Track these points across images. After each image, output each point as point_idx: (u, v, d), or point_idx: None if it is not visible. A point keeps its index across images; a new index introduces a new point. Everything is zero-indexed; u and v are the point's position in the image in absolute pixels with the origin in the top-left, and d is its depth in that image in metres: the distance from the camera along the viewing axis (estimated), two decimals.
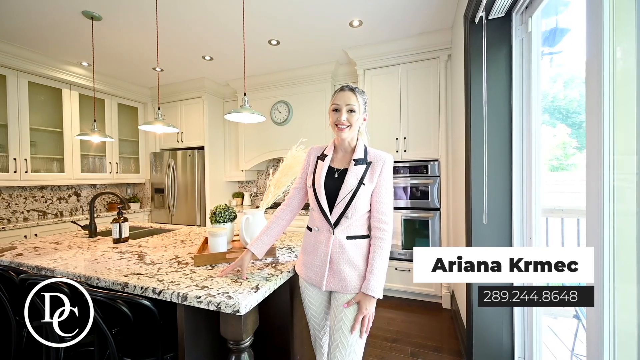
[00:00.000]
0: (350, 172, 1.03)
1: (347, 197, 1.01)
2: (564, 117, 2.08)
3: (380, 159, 1.05)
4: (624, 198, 0.84)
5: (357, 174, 1.03)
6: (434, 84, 2.60)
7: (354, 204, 1.01)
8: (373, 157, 1.06)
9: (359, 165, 1.04)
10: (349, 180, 1.02)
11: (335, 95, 1.06)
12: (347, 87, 1.06)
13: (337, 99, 1.05)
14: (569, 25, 1.56)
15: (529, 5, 1.44)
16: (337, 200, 1.02)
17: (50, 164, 3.12)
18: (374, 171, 1.04)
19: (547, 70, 1.71)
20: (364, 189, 1.02)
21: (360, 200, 1.01)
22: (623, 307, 0.86)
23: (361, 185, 1.02)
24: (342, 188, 1.02)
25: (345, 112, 1.03)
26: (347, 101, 1.03)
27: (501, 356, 1.63)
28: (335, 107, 1.05)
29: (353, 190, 1.01)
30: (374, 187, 1.04)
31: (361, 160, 1.05)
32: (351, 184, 1.02)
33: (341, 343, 0.99)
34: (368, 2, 2.08)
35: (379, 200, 1.03)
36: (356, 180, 1.02)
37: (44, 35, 2.44)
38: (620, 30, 0.82)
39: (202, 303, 0.93)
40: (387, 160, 1.06)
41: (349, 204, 1.01)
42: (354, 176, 1.03)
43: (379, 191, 1.04)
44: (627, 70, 0.80)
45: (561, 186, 2.35)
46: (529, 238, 1.52)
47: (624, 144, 0.84)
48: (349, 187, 1.02)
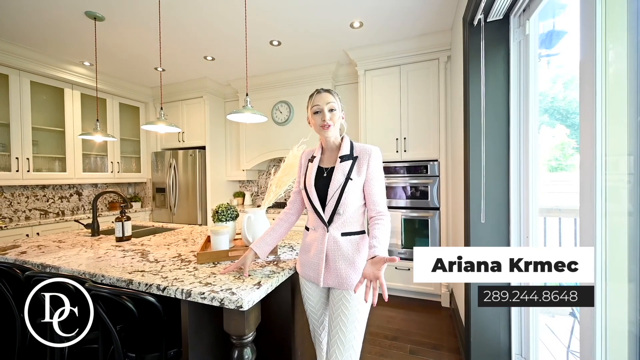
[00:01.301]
0: (337, 169, 1.07)
1: (337, 194, 1.04)
2: (564, 118, 2.10)
3: (365, 152, 1.08)
4: (617, 198, 0.86)
5: (344, 170, 1.06)
6: (433, 85, 2.62)
7: (343, 199, 1.04)
8: (359, 151, 1.09)
9: (345, 162, 1.08)
10: (336, 177, 1.06)
11: (314, 98, 1.10)
12: (322, 90, 1.10)
13: (316, 101, 1.09)
14: (566, 27, 1.59)
15: (526, 8, 1.46)
16: (328, 198, 1.06)
17: (52, 163, 3.14)
18: (361, 165, 1.07)
19: (547, 72, 1.73)
20: (351, 183, 1.04)
21: (349, 195, 1.04)
22: (615, 306, 0.88)
23: (348, 180, 1.04)
24: (330, 186, 1.06)
25: (327, 112, 1.07)
26: (327, 100, 1.07)
27: (499, 353, 1.66)
28: (316, 108, 1.08)
29: (341, 186, 1.04)
30: (363, 180, 1.06)
31: (347, 157, 1.08)
32: (338, 180, 1.05)
33: (339, 339, 1.01)
34: (369, 4, 2.10)
35: (371, 192, 1.06)
36: (343, 176, 1.05)
37: (46, 35, 2.46)
38: (612, 34, 0.84)
39: (205, 299, 0.95)
40: (373, 152, 1.08)
41: (339, 201, 1.04)
42: (341, 173, 1.06)
43: (370, 183, 1.06)
44: (619, 73, 0.83)
45: (560, 186, 2.37)
46: (526, 237, 1.54)
47: (616, 145, 0.86)
48: (336, 184, 1.05)
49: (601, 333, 0.91)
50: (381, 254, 0.92)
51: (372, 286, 0.88)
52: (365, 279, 0.91)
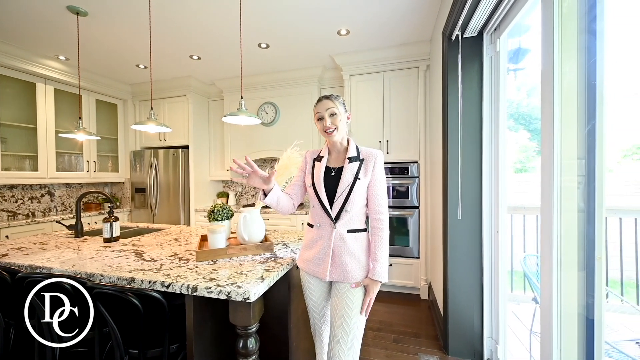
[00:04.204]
0: (346, 169, 1.15)
1: (345, 192, 1.13)
2: (527, 123, 2.36)
3: (372, 155, 1.18)
4: (570, 197, 1.02)
5: (352, 170, 1.15)
6: (414, 92, 2.80)
7: (351, 197, 1.12)
8: (365, 154, 1.19)
9: (353, 163, 1.16)
10: (345, 176, 1.14)
11: (316, 106, 1.19)
12: (323, 97, 1.19)
13: (318, 108, 1.18)
14: (530, 46, 1.80)
15: (497, 27, 1.64)
16: (336, 196, 1.14)
17: (22, 162, 2.96)
18: (368, 166, 1.16)
19: (513, 81, 1.95)
20: (359, 183, 1.13)
21: (357, 194, 1.13)
22: (567, 291, 1.04)
23: (357, 180, 1.13)
24: (340, 184, 1.14)
25: (328, 117, 1.15)
26: (327, 106, 1.16)
27: (473, 337, 1.84)
28: (319, 115, 1.17)
29: (350, 185, 1.13)
30: (368, 181, 1.16)
31: (355, 158, 1.17)
32: (347, 179, 1.13)
33: (344, 330, 1.09)
34: (356, 14, 2.22)
35: (375, 193, 1.16)
36: (352, 176, 1.14)
37: (20, 26, 2.33)
38: (566, 54, 1.00)
39: (212, 293, 1.01)
40: (378, 156, 1.18)
41: (347, 199, 1.12)
42: (350, 172, 1.14)
43: (374, 185, 1.16)
44: (571, 85, 0.98)
45: (524, 186, 2.65)
46: (496, 232, 1.73)
47: (570, 150, 1.02)
48: (345, 182, 1.13)
49: (557, 315, 1.07)
50: (380, 276, 1.11)
51: (371, 302, 1.13)
52: (364, 288, 1.14)
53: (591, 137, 0.92)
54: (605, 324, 0.94)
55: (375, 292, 1.13)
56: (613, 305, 2.04)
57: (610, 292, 2.12)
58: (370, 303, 1.13)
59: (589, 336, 0.97)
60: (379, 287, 1.13)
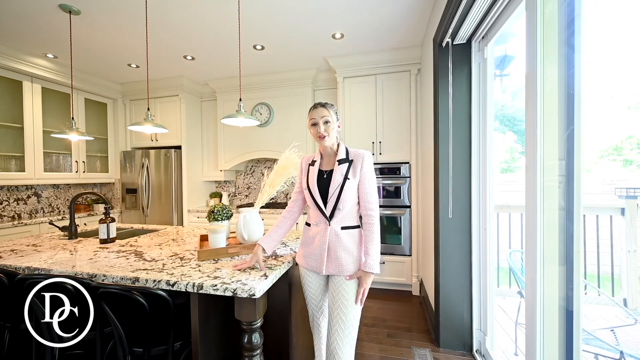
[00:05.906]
0: (336, 171, 1.23)
1: (337, 192, 1.21)
2: (512, 124, 2.48)
3: (359, 155, 1.26)
4: (551, 196, 1.11)
5: (342, 171, 1.23)
6: (405, 94, 2.88)
7: (342, 196, 1.20)
8: (353, 155, 1.27)
9: (342, 165, 1.24)
10: (335, 177, 1.22)
11: (311, 112, 1.26)
12: (319, 104, 1.26)
13: (313, 115, 1.25)
14: (515, 53, 1.91)
15: (485, 35, 1.73)
16: (329, 196, 1.22)
17: (7, 162, 2.88)
18: (356, 167, 1.24)
19: (499, 86, 2.05)
20: (349, 183, 1.21)
21: (347, 192, 1.20)
22: (549, 285, 1.12)
23: (346, 180, 1.21)
24: (331, 185, 1.22)
25: (322, 125, 1.23)
26: (322, 114, 1.23)
27: (462, 329, 1.93)
28: (313, 121, 1.24)
29: (340, 185, 1.21)
30: (358, 180, 1.23)
31: (344, 160, 1.25)
32: (337, 180, 1.21)
33: (341, 319, 1.17)
34: (350, 19, 2.28)
35: (365, 190, 1.23)
36: (341, 177, 1.22)
37: (4, 23, 2.27)
38: (548, 59, 1.08)
39: (218, 290, 1.04)
40: (366, 155, 1.26)
41: (338, 198, 1.20)
42: (339, 174, 1.22)
43: (363, 183, 1.24)
44: (552, 90, 1.07)
45: (510, 186, 2.78)
46: (484, 229, 1.82)
47: (551, 151, 1.10)
48: (336, 183, 1.21)
49: (540, 307, 1.15)
50: (371, 268, 1.18)
51: (365, 292, 1.20)
52: (358, 280, 1.20)
53: (570, 140, 1.00)
54: (583, 314, 1.02)
55: (368, 282, 1.19)
56: (590, 297, 2.18)
57: (588, 284, 2.26)
58: (365, 293, 1.20)
59: (568, 326, 1.04)
60: (372, 278, 1.20)
